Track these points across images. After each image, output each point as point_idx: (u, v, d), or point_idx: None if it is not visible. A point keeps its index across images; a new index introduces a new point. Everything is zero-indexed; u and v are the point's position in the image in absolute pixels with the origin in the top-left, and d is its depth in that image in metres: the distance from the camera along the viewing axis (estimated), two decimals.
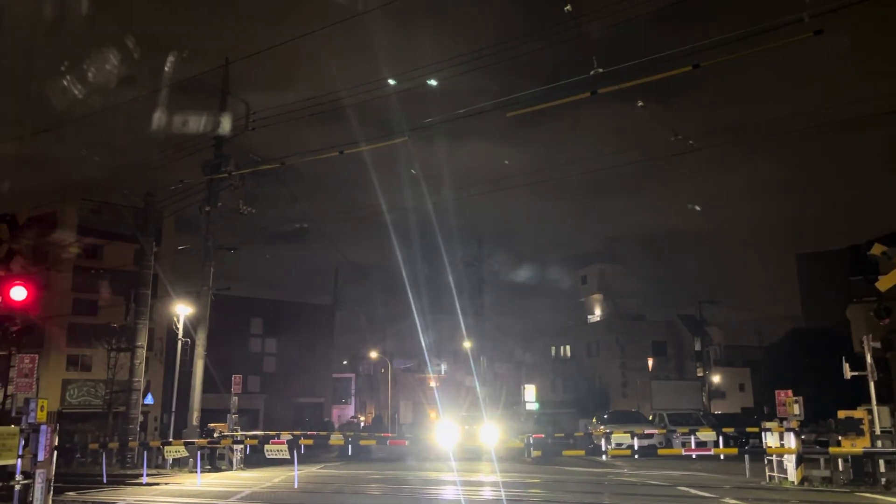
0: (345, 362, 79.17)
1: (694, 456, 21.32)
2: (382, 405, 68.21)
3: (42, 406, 10.61)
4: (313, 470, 20.56)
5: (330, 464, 24.21)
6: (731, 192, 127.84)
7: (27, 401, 10.75)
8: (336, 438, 23.58)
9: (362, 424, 62.30)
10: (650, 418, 34.31)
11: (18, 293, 10.33)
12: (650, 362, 53.10)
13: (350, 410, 73.63)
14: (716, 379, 55.35)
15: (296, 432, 25.39)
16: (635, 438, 20.95)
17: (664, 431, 28.10)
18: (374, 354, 66.99)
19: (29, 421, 10.33)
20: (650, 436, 26.39)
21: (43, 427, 10.33)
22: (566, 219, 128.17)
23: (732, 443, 24.83)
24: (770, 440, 15.33)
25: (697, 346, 56.17)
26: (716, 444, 21.35)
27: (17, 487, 10.11)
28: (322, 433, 27.52)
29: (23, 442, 10.12)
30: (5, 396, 19.22)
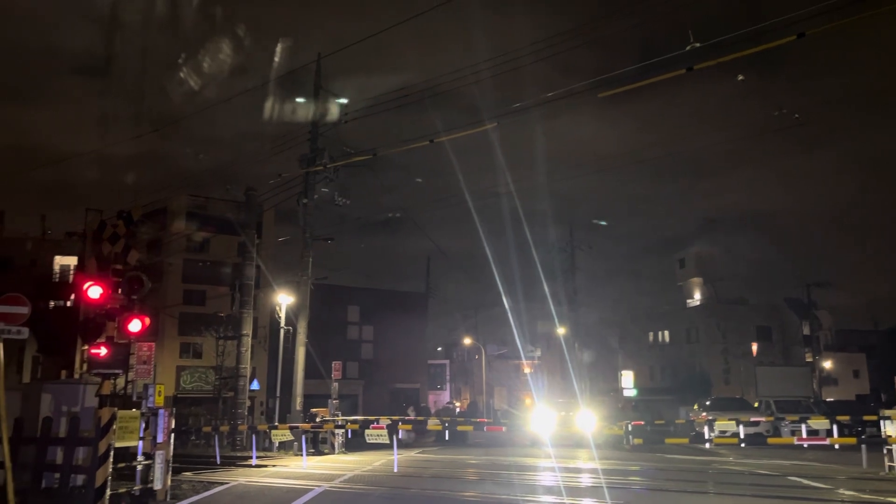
0: (439, 349, 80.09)
1: (805, 445, 20.32)
2: (477, 391, 68.66)
3: (159, 391, 11.27)
4: (411, 454, 20.95)
5: (427, 448, 24.61)
6: (841, 168, 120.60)
7: (146, 386, 11.45)
8: (433, 424, 23.90)
9: (458, 410, 62.89)
10: (755, 405, 32.96)
11: (134, 325, 11.45)
12: (754, 347, 50.90)
13: (445, 396, 74.49)
14: (827, 365, 52.55)
15: (395, 417, 25.92)
16: (741, 426, 20.17)
17: (771, 419, 26.89)
18: (467, 341, 67.41)
19: (148, 405, 11.00)
20: (756, 423, 25.32)
21: (161, 411, 10.97)
22: (662, 200, 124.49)
23: (847, 432, 23.49)
24: (889, 429, 14.40)
25: (806, 331, 53.54)
26: (828, 433, 20.20)
27: (139, 467, 10.80)
28: (419, 418, 27.97)
29: (143, 425, 10.80)
30: (126, 382, 20.60)
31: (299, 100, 24.67)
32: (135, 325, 11.43)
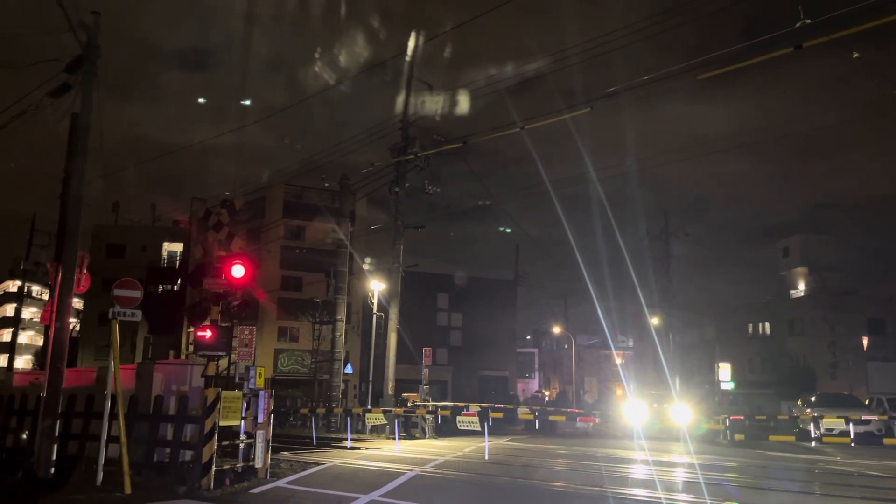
0: (528, 337, 79.79)
1: None
2: (566, 380, 68.00)
3: (259, 373, 11.72)
4: (501, 442, 20.98)
5: (517, 437, 24.57)
6: None
7: (247, 368, 11.94)
8: (524, 412, 23.86)
9: (546, 399, 62.52)
10: (866, 402, 31.09)
11: (238, 270, 11.67)
12: (865, 341, 47.95)
13: (534, 385, 74.21)
14: None
15: (484, 404, 26.02)
16: (851, 424, 19.09)
17: (884, 418, 25.29)
18: (556, 330, 66.77)
19: (250, 386, 11.47)
20: (867, 422, 23.90)
21: (261, 392, 11.42)
22: (764, 186, 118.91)
23: None
24: None
25: None
26: None
27: (242, 445, 11.29)
28: (509, 406, 27.96)
29: (245, 405, 11.27)
30: (229, 364, 21.57)
31: (391, 89, 25.01)
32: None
